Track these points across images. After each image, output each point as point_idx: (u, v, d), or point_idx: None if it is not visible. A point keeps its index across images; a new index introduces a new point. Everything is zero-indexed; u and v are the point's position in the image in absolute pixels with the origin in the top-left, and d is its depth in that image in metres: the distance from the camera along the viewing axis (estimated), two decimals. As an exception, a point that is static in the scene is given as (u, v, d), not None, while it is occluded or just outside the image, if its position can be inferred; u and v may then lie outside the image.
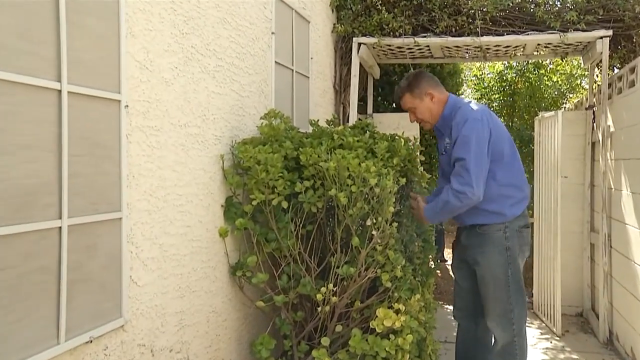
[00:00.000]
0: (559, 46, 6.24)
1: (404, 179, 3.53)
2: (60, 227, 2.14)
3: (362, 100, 6.92)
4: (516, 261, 3.52)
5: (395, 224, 3.32)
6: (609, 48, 5.64)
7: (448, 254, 9.25)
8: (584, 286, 6.44)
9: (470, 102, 3.57)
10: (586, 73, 8.03)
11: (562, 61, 7.55)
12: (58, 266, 2.14)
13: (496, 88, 8.51)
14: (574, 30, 5.65)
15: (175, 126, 2.94)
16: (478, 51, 6.51)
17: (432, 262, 4.55)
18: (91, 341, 2.31)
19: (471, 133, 3.33)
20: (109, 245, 2.43)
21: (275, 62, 4.33)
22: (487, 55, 6.72)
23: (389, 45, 6.19)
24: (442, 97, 3.63)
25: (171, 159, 2.90)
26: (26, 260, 2.00)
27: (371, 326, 3.24)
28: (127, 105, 2.52)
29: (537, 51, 6.67)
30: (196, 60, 3.15)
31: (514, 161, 3.56)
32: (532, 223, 6.67)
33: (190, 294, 3.11)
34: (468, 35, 5.86)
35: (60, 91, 2.13)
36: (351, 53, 6.10)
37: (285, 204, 3.40)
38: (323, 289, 3.30)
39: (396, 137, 3.84)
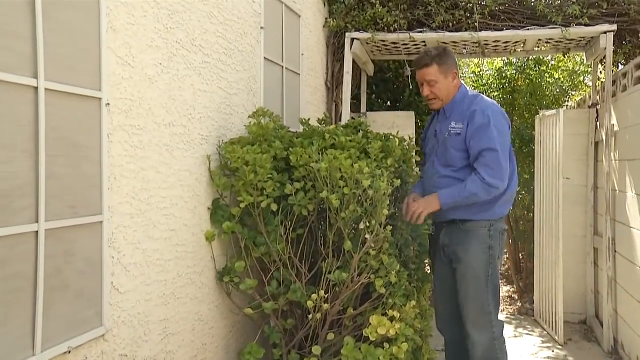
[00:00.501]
0: (560, 42, 6.25)
1: (399, 181, 3.53)
2: (37, 232, 2.13)
3: (356, 98, 6.92)
4: (496, 263, 3.58)
5: (389, 228, 3.31)
6: (614, 43, 5.65)
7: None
8: (587, 292, 6.46)
9: (479, 94, 3.72)
10: (589, 70, 8.06)
11: (564, 57, 7.58)
12: (35, 273, 2.13)
13: (495, 85, 8.51)
14: (576, 25, 5.66)
15: (160, 125, 2.93)
16: (476, 47, 6.52)
17: (428, 267, 4.55)
18: (69, 352, 2.30)
19: (498, 125, 3.45)
20: (89, 251, 2.42)
21: (265, 58, 4.33)
22: (486, 51, 6.74)
23: (384, 41, 6.19)
24: (458, 83, 3.74)
25: (155, 160, 2.89)
26: (0, 267, 1.99)
27: (364, 334, 3.23)
28: (109, 104, 2.51)
29: (538, 47, 6.70)
30: (181, 57, 3.14)
31: (511, 161, 3.62)
32: (534, 226, 6.69)
33: (175, 301, 3.10)
34: (466, 30, 5.86)
35: (37, 88, 2.12)
36: (344, 49, 6.10)
37: (274, 207, 3.40)
38: (314, 296, 3.29)
39: (391, 137, 3.84)
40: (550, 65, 8.65)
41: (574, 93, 9.19)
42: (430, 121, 3.99)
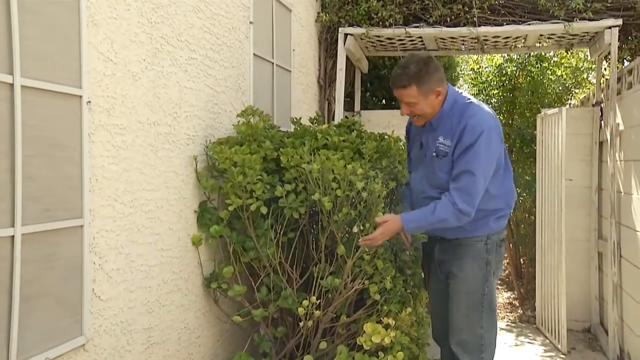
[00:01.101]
0: (563, 37, 6.27)
1: (394, 182, 3.53)
2: (12, 236, 2.12)
3: (349, 96, 6.92)
4: (492, 279, 3.39)
5: (384, 231, 3.31)
6: (619, 39, 5.65)
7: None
8: (591, 299, 6.47)
9: (470, 98, 3.37)
10: (593, 66, 8.06)
11: (567, 53, 7.59)
12: (10, 279, 2.12)
13: (495, 83, 8.51)
14: (580, 19, 5.67)
15: (144, 124, 2.93)
16: (475, 43, 6.53)
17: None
18: (48, 362, 2.29)
19: (488, 147, 3.16)
20: (68, 256, 2.41)
21: (254, 54, 4.33)
22: (485, 47, 6.75)
23: (378, 36, 6.20)
24: (445, 92, 3.34)
25: (139, 161, 2.89)
26: (-25, 273, 1.98)
27: (358, 342, 3.23)
28: (89, 101, 2.50)
29: (540, 42, 6.71)
30: (166, 52, 3.14)
31: (506, 170, 3.42)
32: (535, 229, 6.70)
33: (159, 309, 3.09)
34: (464, 25, 5.87)
35: (12, 85, 2.11)
36: (337, 45, 6.10)
37: (264, 210, 3.39)
38: (306, 302, 3.29)
39: (386, 137, 3.84)
40: (552, 61, 8.67)
41: (577, 91, 9.21)
42: (415, 130, 3.64)
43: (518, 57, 8.32)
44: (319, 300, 3.36)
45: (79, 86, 2.45)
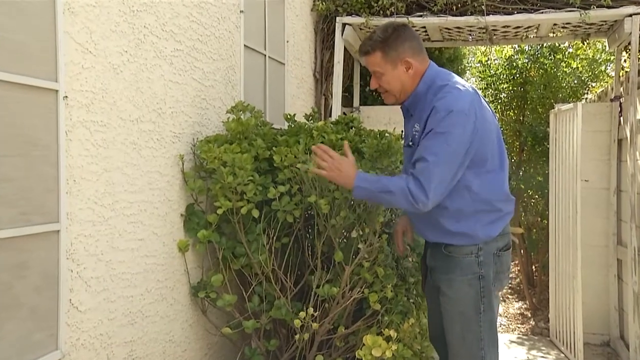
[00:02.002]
0: (579, 26, 6.26)
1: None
2: (-16, 241, 2.12)
3: (347, 91, 6.93)
4: (491, 294, 3.14)
5: (385, 236, 3.32)
6: (640, 28, 5.66)
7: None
8: (610, 310, 6.46)
9: (454, 78, 3.14)
10: (612, 58, 8.09)
11: (583, 44, 7.60)
12: (-18, 288, 2.12)
13: (505, 76, 8.52)
14: (597, 6, 5.65)
15: (126, 121, 2.93)
16: (483, 33, 6.53)
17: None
18: (22, 377, 2.29)
19: (451, 129, 2.91)
20: (44, 263, 2.41)
21: (245, 45, 4.33)
22: (494, 37, 6.75)
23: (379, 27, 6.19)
24: (420, 69, 3.14)
25: (120, 160, 2.89)
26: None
27: (357, 356, 3.23)
28: (66, 96, 2.51)
29: (554, 32, 6.71)
30: (150, 43, 3.14)
31: (500, 168, 3.16)
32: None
33: (142, 320, 3.09)
34: (471, 14, 5.87)
35: (-17, 79, 2.11)
36: (334, 35, 6.10)
37: (256, 213, 3.39)
38: (301, 313, 3.29)
39: (386, 134, 3.84)
40: (567, 53, 8.68)
41: (594, 84, 9.21)
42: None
43: (530, 48, 8.34)
44: (315, 311, 3.36)
45: (55, 80, 2.45)
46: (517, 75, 8.37)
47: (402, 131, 3.57)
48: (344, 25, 6.05)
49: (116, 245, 2.86)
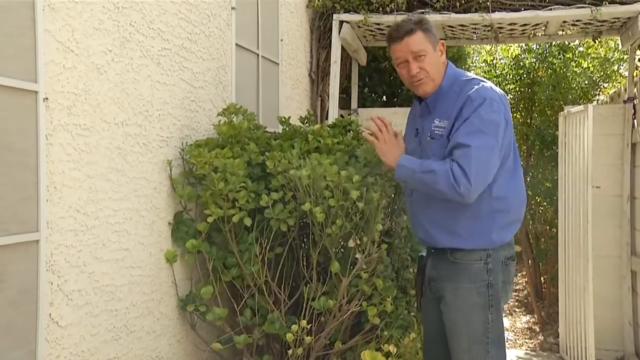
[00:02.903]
0: (590, 23, 6.26)
1: (392, 189, 3.53)
2: (-41, 252, 2.12)
3: (345, 92, 6.93)
4: (499, 304, 3.17)
5: (384, 246, 3.33)
6: (655, 26, 5.67)
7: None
8: (624, 324, 6.45)
9: (472, 75, 3.29)
10: (625, 57, 8.10)
11: (595, 42, 7.61)
12: (-44, 301, 2.12)
13: (511, 77, 8.53)
14: (609, 3, 5.64)
15: (110, 124, 2.93)
16: (488, 31, 6.54)
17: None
18: (-3, 398, 2.29)
19: (487, 116, 3.04)
20: (22, 276, 2.41)
21: (236, 44, 4.34)
22: (500, 35, 6.76)
23: (378, 24, 6.21)
24: (446, 60, 3.31)
25: (105, 166, 2.89)
26: None
27: (355, 373, 3.24)
28: (47, 98, 2.51)
29: (563, 30, 6.72)
30: (136, 42, 3.15)
31: (516, 168, 3.26)
32: (557, 244, 6.70)
33: (127, 336, 3.08)
34: (476, 10, 5.88)
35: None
36: (331, 33, 6.10)
37: (248, 221, 3.40)
38: (295, 327, 3.29)
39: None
40: (577, 52, 8.69)
41: (606, 85, 9.22)
42: (410, 116, 3.59)
43: (538, 47, 8.35)
44: (310, 325, 3.36)
45: (35, 80, 2.45)
46: (525, 76, 8.39)
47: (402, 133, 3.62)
48: (341, 22, 6.04)
49: (100, 256, 2.86)
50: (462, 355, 3.16)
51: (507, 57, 8.84)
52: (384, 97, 8.10)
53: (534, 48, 8.33)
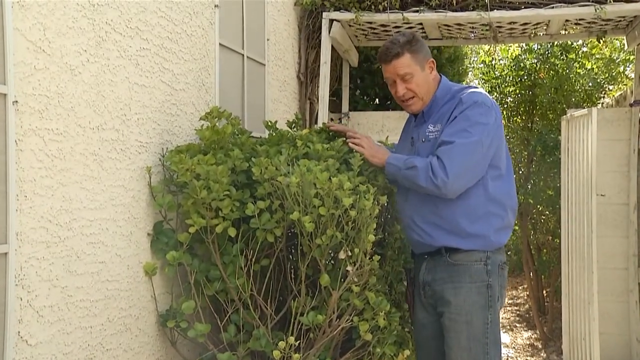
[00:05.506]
0: (594, 22, 6.30)
1: (385, 197, 3.52)
2: None
3: (335, 94, 6.94)
4: (496, 306, 3.39)
5: (377, 258, 3.32)
6: (663, 24, 5.69)
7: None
8: (631, 341, 6.46)
9: (466, 86, 3.58)
10: (631, 58, 8.14)
11: (599, 42, 7.64)
12: None
13: (511, 78, 8.55)
14: (614, 1, 5.67)
15: (85, 129, 2.92)
16: (487, 30, 6.57)
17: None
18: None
19: (475, 118, 3.31)
20: (-10, 289, 2.39)
21: (220, 44, 4.34)
22: (499, 35, 6.79)
23: (370, 23, 6.22)
24: (437, 75, 3.61)
25: (79, 173, 2.88)
26: None
27: (347, 393, 3.23)
28: (16, 101, 2.49)
29: (566, 29, 6.75)
30: (113, 42, 3.14)
31: (509, 176, 3.50)
32: (560, 255, 6.71)
33: (103, 354, 3.06)
34: (473, 9, 5.90)
35: None
36: (320, 33, 6.11)
37: (233, 232, 3.40)
38: (282, 344, 3.27)
39: (379, 144, 3.84)
40: (580, 52, 8.72)
41: (611, 87, 9.26)
42: (406, 126, 3.86)
43: (539, 47, 8.38)
44: (299, 341, 3.35)
45: (3, 82, 2.44)
46: (525, 77, 8.41)
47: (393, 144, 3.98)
48: (331, 21, 6.04)
49: (73, 269, 2.84)
50: (462, 354, 3.34)
51: (507, 57, 8.88)
52: (377, 99, 8.13)
53: (535, 48, 8.36)
